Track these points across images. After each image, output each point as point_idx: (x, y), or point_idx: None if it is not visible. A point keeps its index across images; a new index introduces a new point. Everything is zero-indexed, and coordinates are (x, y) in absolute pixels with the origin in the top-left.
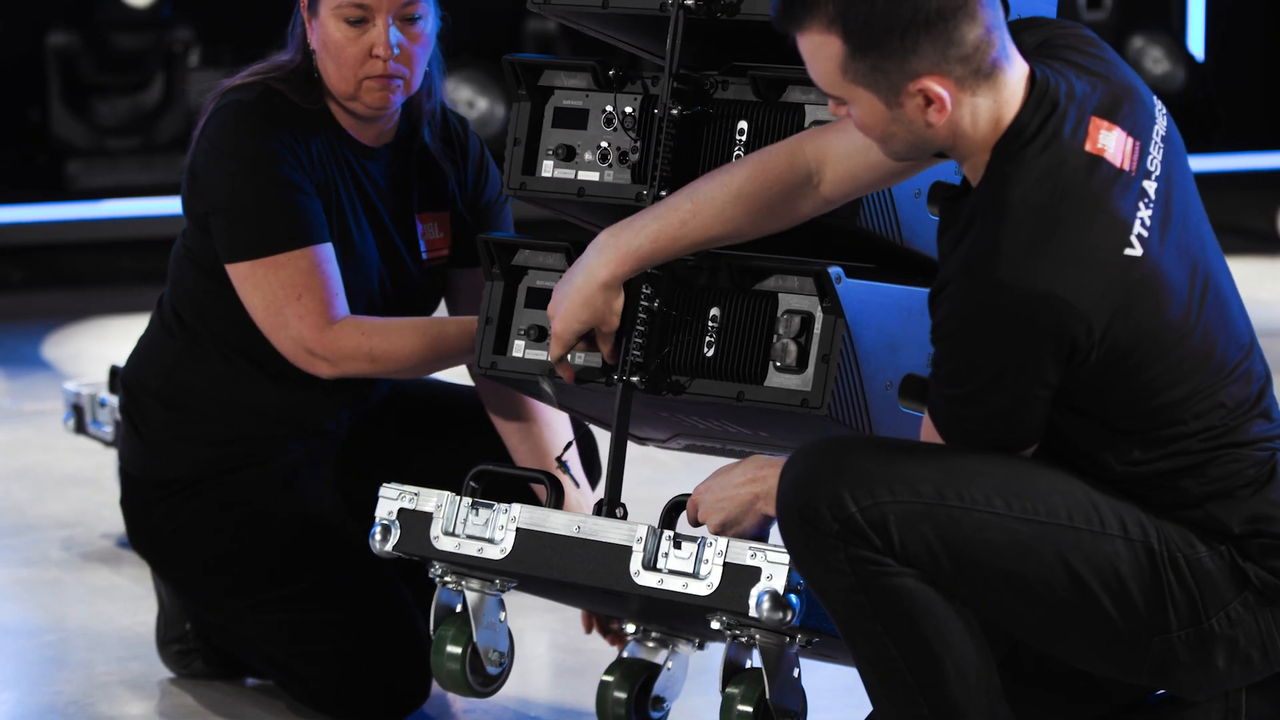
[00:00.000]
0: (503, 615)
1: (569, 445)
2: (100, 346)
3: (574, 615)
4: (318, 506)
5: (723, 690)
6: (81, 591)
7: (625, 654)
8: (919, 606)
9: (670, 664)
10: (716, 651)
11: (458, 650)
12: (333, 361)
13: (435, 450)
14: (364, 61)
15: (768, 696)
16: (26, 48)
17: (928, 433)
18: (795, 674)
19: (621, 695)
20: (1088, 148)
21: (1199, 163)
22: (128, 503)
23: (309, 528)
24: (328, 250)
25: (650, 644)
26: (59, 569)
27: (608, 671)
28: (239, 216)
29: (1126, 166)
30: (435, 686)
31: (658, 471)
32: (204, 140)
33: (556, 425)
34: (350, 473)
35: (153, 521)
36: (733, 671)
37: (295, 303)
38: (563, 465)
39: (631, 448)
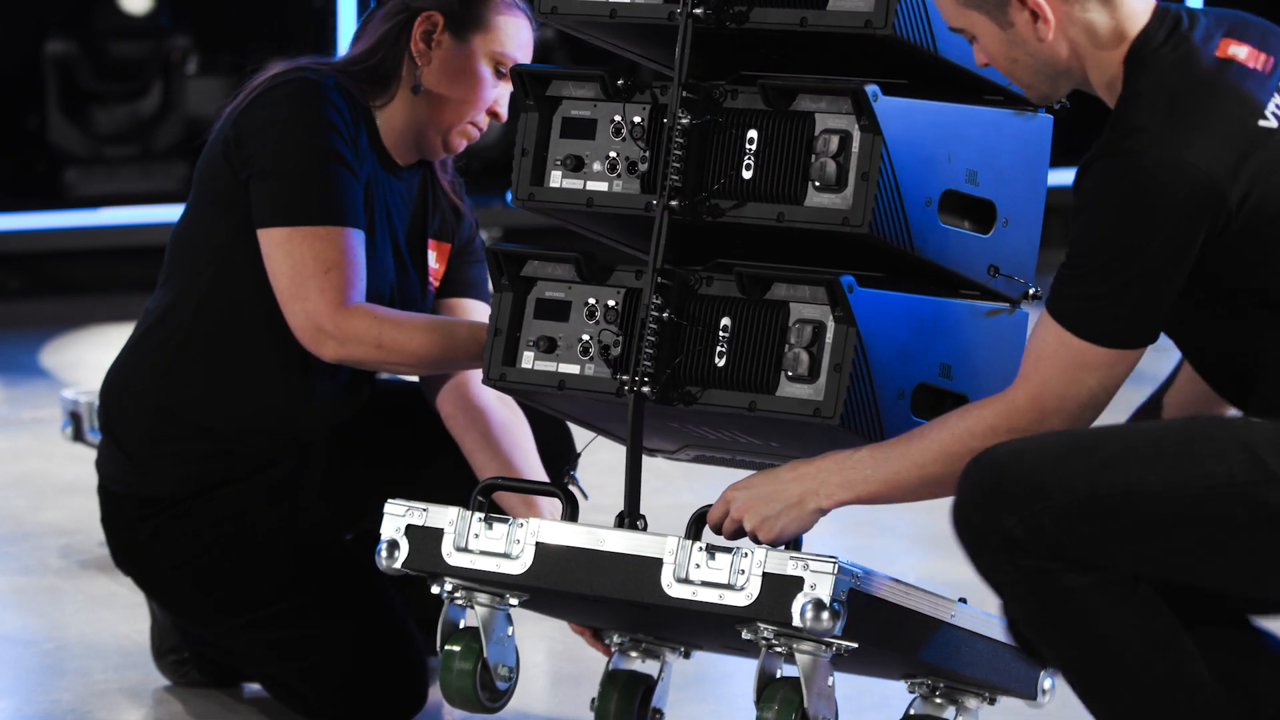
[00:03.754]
0: (510, 630)
1: (576, 457)
2: (98, 354)
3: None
4: (307, 519)
5: (757, 701)
6: (79, 599)
7: (611, 666)
8: (1091, 605)
9: (663, 674)
10: (705, 660)
11: (468, 667)
12: (340, 341)
13: (424, 458)
14: (481, 110)
15: (805, 706)
16: (24, 55)
17: (1038, 336)
18: (830, 682)
19: (626, 710)
20: (1218, 54)
21: None
22: (111, 521)
23: (299, 541)
24: (362, 237)
25: (634, 654)
26: (57, 577)
27: (602, 686)
28: (289, 180)
29: (1260, 68)
30: (431, 695)
31: (658, 480)
32: (261, 108)
33: (523, 444)
34: (337, 481)
35: (139, 540)
36: (766, 681)
37: (322, 276)
38: (571, 478)
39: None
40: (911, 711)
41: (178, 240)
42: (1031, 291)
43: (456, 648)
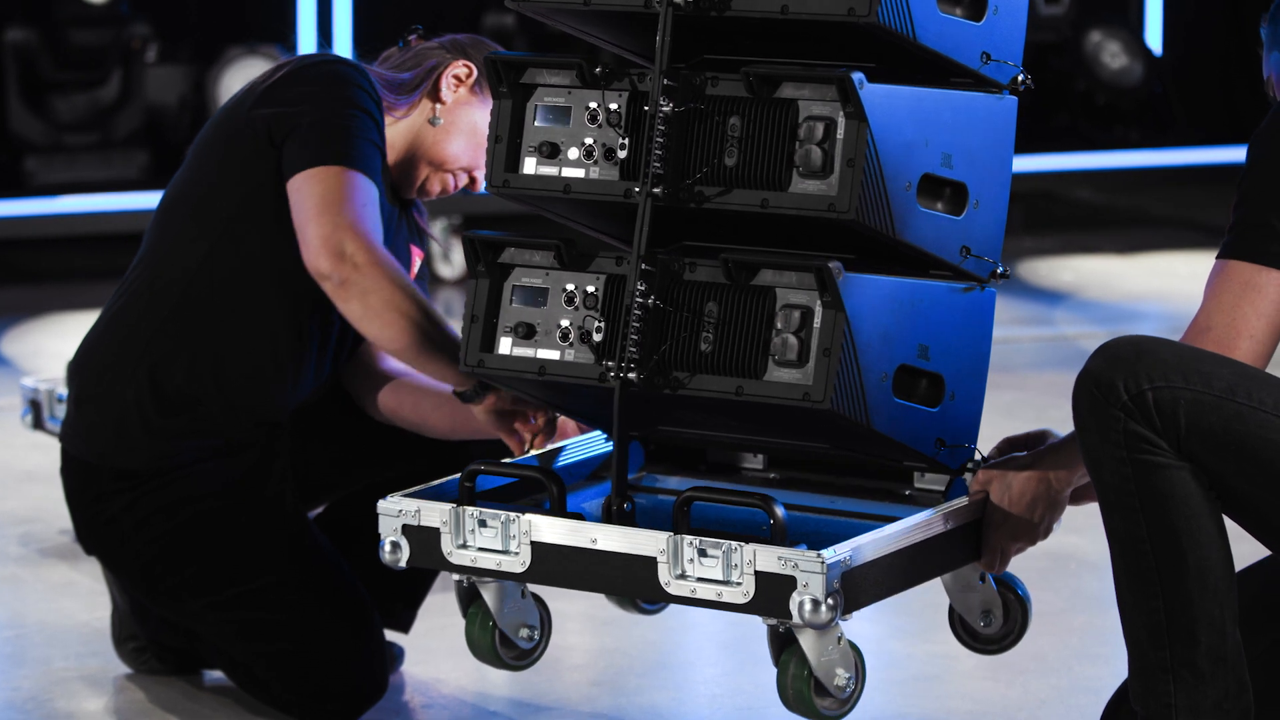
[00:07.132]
0: (522, 593)
1: (535, 436)
2: (58, 342)
3: None
4: (275, 500)
5: (776, 663)
6: (39, 588)
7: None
8: (1176, 495)
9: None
10: (667, 646)
11: (489, 624)
12: (362, 249)
13: (378, 431)
14: (470, 164)
15: (815, 671)
16: None
17: (1216, 285)
18: (840, 640)
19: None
20: None
21: (1156, 157)
22: (80, 495)
23: (268, 522)
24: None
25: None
26: (17, 565)
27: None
28: (340, 131)
29: None
30: (393, 681)
31: None
32: (303, 81)
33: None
34: (298, 461)
35: (110, 514)
36: (781, 644)
37: (359, 206)
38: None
39: None
40: None
41: (171, 208)
42: (999, 271)
43: (478, 612)
